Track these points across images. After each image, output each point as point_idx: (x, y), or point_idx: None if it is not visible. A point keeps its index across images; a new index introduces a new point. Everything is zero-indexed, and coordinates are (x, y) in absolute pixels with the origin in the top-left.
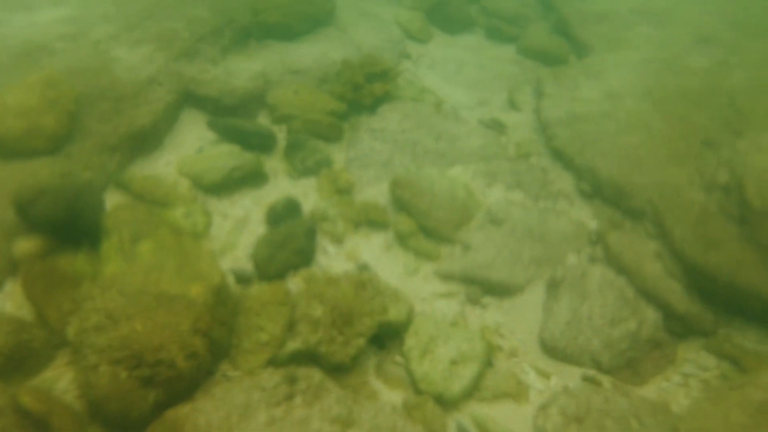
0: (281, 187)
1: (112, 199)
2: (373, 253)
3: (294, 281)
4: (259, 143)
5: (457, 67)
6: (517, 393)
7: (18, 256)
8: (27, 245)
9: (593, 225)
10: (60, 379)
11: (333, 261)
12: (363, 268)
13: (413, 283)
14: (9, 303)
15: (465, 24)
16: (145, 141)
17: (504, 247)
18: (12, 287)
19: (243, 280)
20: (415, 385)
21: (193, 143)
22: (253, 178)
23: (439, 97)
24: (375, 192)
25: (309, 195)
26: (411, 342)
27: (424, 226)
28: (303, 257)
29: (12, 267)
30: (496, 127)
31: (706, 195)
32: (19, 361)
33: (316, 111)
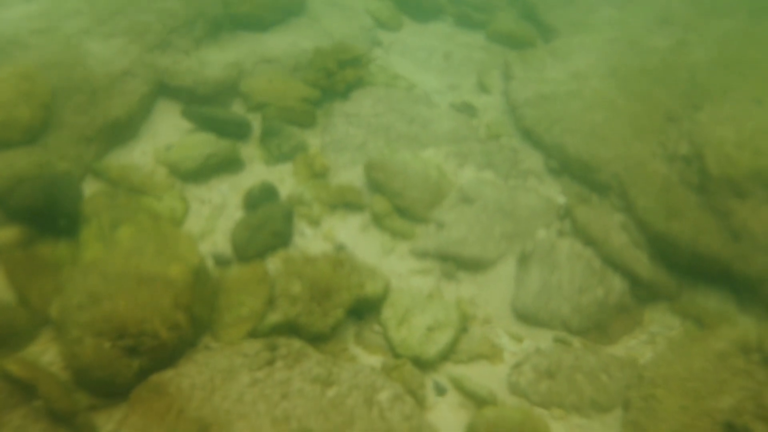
0: (258, 173)
1: (91, 189)
2: (349, 234)
3: (272, 261)
4: (235, 131)
5: (428, 53)
6: (492, 354)
7: None
8: (6, 234)
9: (562, 200)
10: (45, 354)
11: (310, 243)
12: (340, 248)
13: (390, 262)
14: None
15: (434, 12)
16: (121, 131)
17: (476, 224)
18: None
19: (222, 262)
20: (393, 350)
21: (168, 132)
22: (229, 164)
23: (411, 83)
24: (350, 175)
25: (285, 180)
26: (388, 313)
27: (399, 206)
28: (281, 239)
29: None
30: (467, 110)
31: (668, 166)
32: (3, 338)
33: (290, 98)
